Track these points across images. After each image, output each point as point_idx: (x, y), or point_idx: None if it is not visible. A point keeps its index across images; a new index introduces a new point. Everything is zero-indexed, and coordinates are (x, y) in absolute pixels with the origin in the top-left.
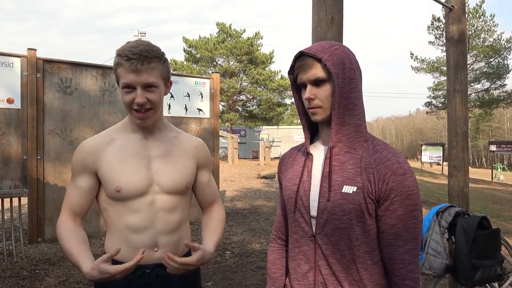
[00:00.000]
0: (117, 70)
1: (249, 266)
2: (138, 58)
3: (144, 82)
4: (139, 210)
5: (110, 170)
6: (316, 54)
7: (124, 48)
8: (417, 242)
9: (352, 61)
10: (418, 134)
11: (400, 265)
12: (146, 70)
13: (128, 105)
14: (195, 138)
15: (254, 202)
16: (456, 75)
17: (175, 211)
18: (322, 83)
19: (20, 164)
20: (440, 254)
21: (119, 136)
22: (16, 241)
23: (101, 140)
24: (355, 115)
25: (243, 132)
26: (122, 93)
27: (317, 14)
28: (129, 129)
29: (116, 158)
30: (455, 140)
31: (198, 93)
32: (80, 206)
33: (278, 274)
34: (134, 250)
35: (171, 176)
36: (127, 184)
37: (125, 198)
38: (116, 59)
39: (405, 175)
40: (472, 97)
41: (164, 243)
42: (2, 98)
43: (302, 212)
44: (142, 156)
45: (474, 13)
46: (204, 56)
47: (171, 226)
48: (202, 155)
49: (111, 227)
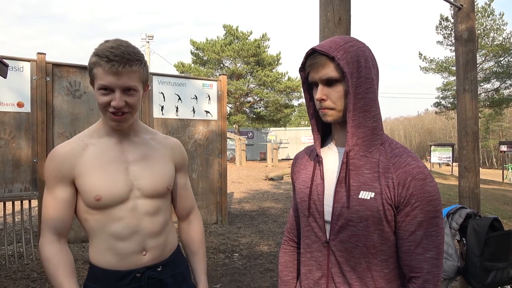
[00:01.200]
0: (93, 70)
1: (258, 268)
2: (119, 61)
3: (123, 85)
4: (122, 218)
5: (88, 178)
6: (329, 52)
7: (103, 48)
8: (439, 252)
9: (368, 59)
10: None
11: (418, 273)
12: (126, 73)
13: (104, 107)
14: (171, 139)
15: (262, 204)
16: (466, 74)
17: (158, 214)
18: (335, 83)
19: (30, 167)
20: (451, 256)
21: (93, 141)
22: (26, 243)
23: (75, 146)
24: (371, 117)
25: (251, 134)
26: (98, 94)
27: (324, 14)
28: (103, 133)
29: (93, 165)
30: (465, 140)
31: (206, 95)
32: (62, 222)
33: (289, 277)
34: (122, 257)
35: (151, 180)
36: (107, 192)
37: (105, 206)
38: (93, 58)
39: (426, 180)
40: (481, 97)
41: (152, 246)
42: (12, 102)
43: (316, 217)
44: (119, 161)
45: (482, 12)
46: (211, 58)
47: (157, 229)
48: (179, 157)
49: (94, 237)
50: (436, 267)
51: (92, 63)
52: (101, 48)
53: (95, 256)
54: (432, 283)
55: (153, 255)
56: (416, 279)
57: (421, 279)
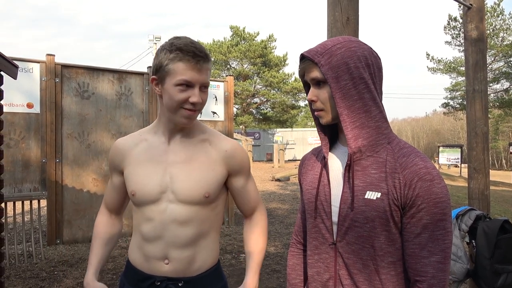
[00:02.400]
0: (169, 65)
1: (264, 269)
2: (205, 57)
3: (203, 81)
4: (151, 219)
5: (130, 172)
6: (313, 58)
7: (184, 43)
8: (445, 256)
9: (361, 58)
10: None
11: (422, 277)
12: (205, 70)
13: (180, 103)
14: (228, 140)
15: (269, 204)
16: (475, 75)
17: (188, 224)
18: (323, 84)
19: (40, 167)
20: (461, 258)
21: (147, 136)
22: (35, 242)
23: (131, 140)
24: (373, 117)
25: (257, 134)
26: (175, 90)
27: (332, 14)
28: (159, 131)
29: (138, 161)
30: (475, 141)
31: (213, 96)
32: (113, 202)
33: (297, 280)
34: (146, 258)
35: (186, 183)
36: (140, 189)
37: (139, 204)
38: (174, 53)
39: (433, 181)
40: (491, 98)
41: (175, 256)
42: (22, 103)
43: (323, 218)
44: (159, 161)
45: (492, 11)
46: (218, 59)
47: (183, 240)
48: (234, 160)
49: (134, 232)
50: (442, 272)
51: (170, 58)
52: (182, 43)
53: (130, 251)
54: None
55: (174, 267)
56: (420, 283)
57: (426, 283)
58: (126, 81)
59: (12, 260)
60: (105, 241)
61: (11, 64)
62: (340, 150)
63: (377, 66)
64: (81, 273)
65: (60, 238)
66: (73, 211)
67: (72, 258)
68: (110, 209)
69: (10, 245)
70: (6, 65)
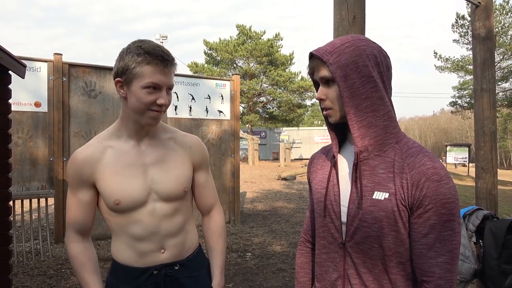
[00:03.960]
0: (137, 68)
1: (270, 268)
2: (171, 60)
3: (169, 84)
4: (140, 220)
5: (108, 183)
6: (322, 57)
7: (152, 47)
8: (453, 257)
9: (370, 57)
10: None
11: (429, 278)
12: (171, 73)
13: (147, 105)
14: (191, 137)
15: (275, 203)
16: (483, 73)
17: (176, 215)
18: (331, 83)
19: (47, 165)
20: (468, 258)
21: (111, 143)
22: (43, 240)
23: (94, 149)
24: (381, 116)
25: (264, 133)
26: (142, 93)
27: (338, 13)
28: (123, 135)
29: (112, 169)
30: (483, 140)
31: (219, 95)
32: (85, 221)
33: (306, 279)
34: (141, 255)
35: (167, 184)
36: (125, 197)
37: (125, 210)
38: (142, 57)
39: (441, 182)
40: (499, 96)
41: (171, 244)
42: (30, 101)
43: (332, 218)
44: (137, 165)
45: (500, 9)
46: (224, 58)
47: (175, 229)
48: (197, 155)
49: (115, 235)
50: (449, 272)
51: (137, 61)
52: (147, 47)
53: (116, 252)
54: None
55: (171, 253)
56: (427, 283)
57: (433, 284)
58: None
59: (20, 257)
60: (95, 270)
61: (19, 64)
62: (349, 149)
63: (386, 65)
64: None
65: None
66: None
67: None
68: (82, 232)
69: (18, 242)
70: (14, 64)
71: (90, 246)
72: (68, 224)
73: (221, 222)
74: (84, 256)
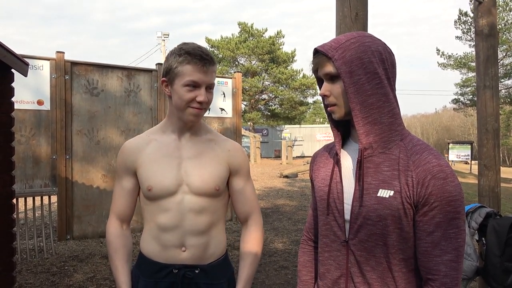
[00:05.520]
0: (179, 68)
1: (272, 266)
2: (210, 60)
3: (209, 82)
4: (169, 209)
5: (144, 169)
6: (327, 52)
7: (192, 47)
8: (458, 255)
9: (375, 53)
10: (445, 132)
11: (435, 276)
12: (211, 72)
13: (188, 102)
14: (232, 142)
15: (277, 201)
16: (486, 70)
17: (203, 213)
18: (336, 79)
19: (50, 163)
20: (470, 256)
21: (156, 136)
22: (46, 238)
23: (141, 140)
24: (386, 113)
25: (266, 131)
26: (183, 90)
27: (341, 10)
28: (167, 130)
29: (151, 158)
30: (485, 137)
31: (221, 92)
32: (125, 209)
33: (308, 277)
34: (163, 248)
35: (200, 177)
36: (157, 184)
37: (156, 197)
38: (183, 57)
39: (447, 179)
40: (502, 93)
41: (192, 243)
42: (33, 100)
43: (335, 216)
44: (173, 157)
45: (504, 6)
46: (226, 56)
47: (199, 228)
48: (236, 159)
49: (146, 225)
50: (455, 271)
51: (179, 61)
52: (189, 47)
53: (143, 243)
54: (449, 286)
55: (191, 254)
56: (432, 281)
57: (438, 282)
58: (134, 78)
59: (23, 255)
60: (126, 257)
61: (21, 62)
62: (352, 147)
63: (391, 62)
64: (91, 268)
65: (70, 233)
66: (83, 207)
67: (82, 253)
68: (122, 218)
69: (22, 240)
70: (17, 62)
71: (128, 234)
72: (111, 210)
73: (256, 233)
74: (119, 242)
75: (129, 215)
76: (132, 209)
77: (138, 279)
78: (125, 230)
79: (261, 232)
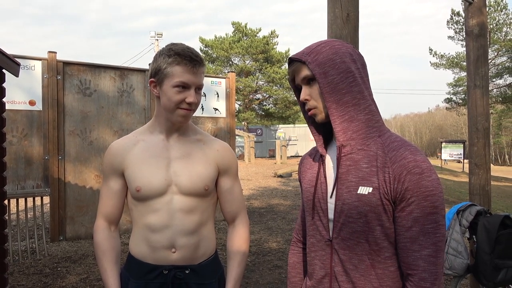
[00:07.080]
0: (168, 68)
1: (266, 265)
2: (200, 61)
3: (198, 83)
4: (158, 210)
5: (133, 170)
6: (301, 58)
7: (181, 48)
8: (437, 250)
9: (346, 54)
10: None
11: (414, 271)
12: (200, 73)
13: (177, 103)
14: (220, 142)
15: (271, 200)
16: (477, 70)
17: (193, 213)
18: (313, 81)
19: (42, 164)
20: (461, 253)
21: (144, 137)
22: (39, 239)
23: (128, 141)
24: (362, 110)
25: (260, 131)
26: (172, 92)
27: (332, 11)
28: (155, 131)
29: (139, 159)
30: (476, 137)
31: (214, 92)
32: (113, 210)
33: (297, 279)
34: (153, 249)
35: (188, 177)
36: (146, 184)
37: (144, 198)
38: (172, 58)
39: (423, 175)
40: (494, 93)
41: (182, 244)
42: (24, 100)
43: (320, 215)
44: (162, 157)
45: (495, 6)
46: (220, 56)
47: (189, 228)
48: (224, 159)
49: (134, 226)
50: (433, 265)
51: (168, 62)
52: (179, 48)
53: (132, 245)
54: (429, 281)
55: (182, 254)
56: (412, 276)
57: (417, 276)
58: (127, 78)
59: (15, 256)
60: (115, 259)
61: (12, 62)
62: (335, 147)
63: (361, 63)
64: (84, 269)
65: (63, 234)
66: (76, 207)
67: (75, 254)
68: (110, 220)
69: (14, 241)
70: (8, 62)
71: (116, 235)
72: (98, 212)
73: (243, 233)
74: (107, 244)
75: (117, 216)
76: (120, 210)
77: (127, 281)
78: (113, 232)
79: (248, 231)
